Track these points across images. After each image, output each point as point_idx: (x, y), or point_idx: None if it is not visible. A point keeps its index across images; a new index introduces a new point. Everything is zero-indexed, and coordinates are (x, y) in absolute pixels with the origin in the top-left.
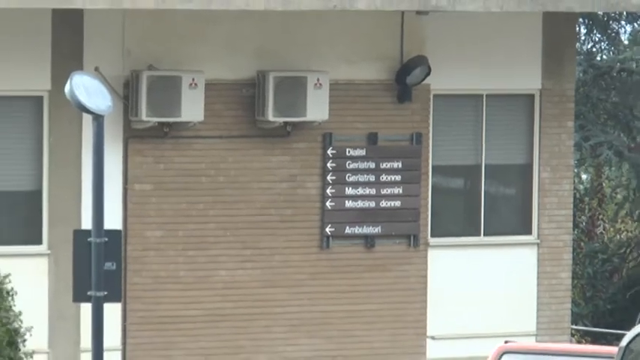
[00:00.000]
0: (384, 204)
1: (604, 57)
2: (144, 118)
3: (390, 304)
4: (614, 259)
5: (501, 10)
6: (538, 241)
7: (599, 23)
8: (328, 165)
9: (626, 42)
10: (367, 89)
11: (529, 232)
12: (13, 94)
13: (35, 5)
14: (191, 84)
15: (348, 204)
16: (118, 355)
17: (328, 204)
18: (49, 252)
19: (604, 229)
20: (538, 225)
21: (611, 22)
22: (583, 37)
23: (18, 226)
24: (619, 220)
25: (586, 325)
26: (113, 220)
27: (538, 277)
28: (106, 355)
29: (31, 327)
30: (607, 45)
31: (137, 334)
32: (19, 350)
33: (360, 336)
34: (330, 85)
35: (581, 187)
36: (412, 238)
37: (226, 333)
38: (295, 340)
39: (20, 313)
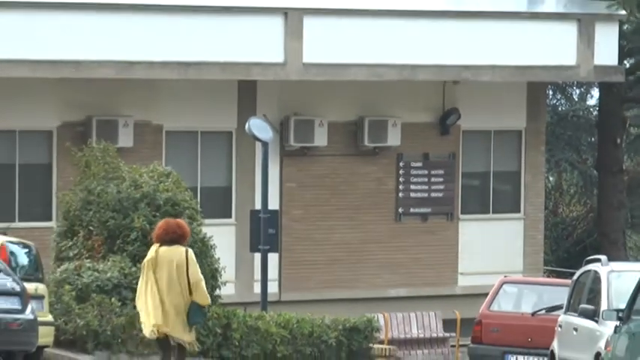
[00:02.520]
0: (433, 195)
1: (563, 108)
2: (292, 144)
3: (436, 254)
4: (569, 227)
5: (502, 80)
6: (524, 217)
7: (560, 87)
8: (400, 172)
9: (576, 99)
10: (422, 127)
11: (518, 211)
12: (215, 130)
13: (229, 77)
14: (320, 124)
15: (412, 195)
16: (276, 283)
17: (400, 194)
18: (235, 223)
19: (563, 210)
20: (524, 207)
21: (567, 87)
22: (550, 96)
23: (218, 207)
24: (572, 205)
25: (552, 267)
26: (273, 204)
27: (523, 238)
28: (269, 283)
29: (225, 267)
30: (565, 101)
31: (287, 271)
32: (218, 281)
33: (418, 272)
34: (401, 125)
35: (549, 185)
36: (449, 215)
37: (339, 270)
38: (380, 275)
39: (219, 258)
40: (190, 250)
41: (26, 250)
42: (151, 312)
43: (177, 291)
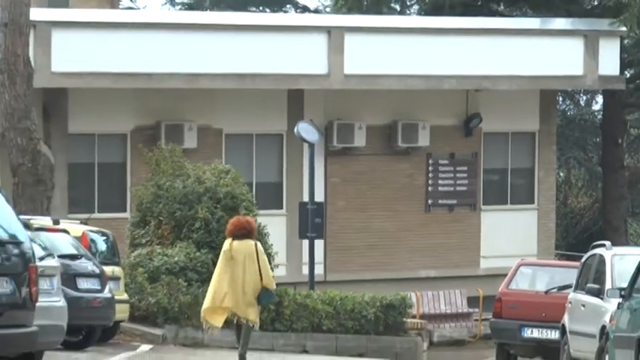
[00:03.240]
0: (458, 188)
1: (571, 112)
2: (335, 144)
3: (462, 239)
4: (577, 217)
5: (518, 89)
6: (537, 207)
7: (568, 94)
8: (429, 169)
9: (582, 105)
10: (449, 129)
11: (533, 202)
12: (268, 133)
13: (279, 87)
14: (359, 127)
15: (440, 188)
16: (322, 266)
17: (429, 188)
18: (286, 213)
19: (571, 201)
20: (537, 199)
21: (575, 94)
22: (560, 102)
23: (271, 199)
24: (579, 197)
25: (562, 251)
26: (319, 197)
27: (537, 226)
28: (315, 266)
29: (277, 252)
30: (573, 106)
31: (332, 255)
32: (271, 264)
33: (445, 256)
34: (430, 127)
35: (560, 179)
36: (472, 206)
37: (377, 254)
38: (412, 258)
39: (272, 244)
40: (259, 243)
41: (104, 237)
42: (220, 294)
43: (249, 278)
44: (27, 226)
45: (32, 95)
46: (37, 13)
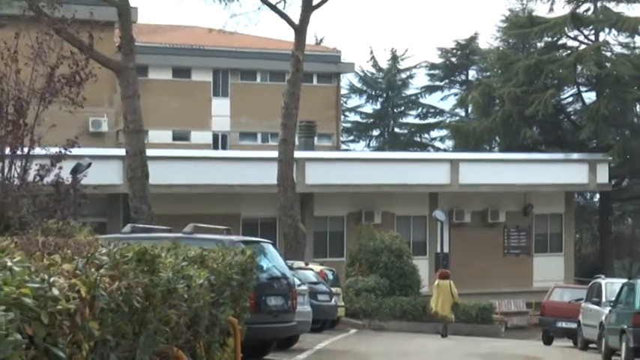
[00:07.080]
0: (520, 244)
1: (582, 202)
2: (454, 221)
3: (522, 271)
4: (586, 259)
5: (552, 191)
6: (564, 254)
7: (580, 193)
8: (504, 234)
9: (588, 198)
10: (515, 213)
11: (561, 251)
12: (418, 215)
13: (422, 191)
14: (467, 212)
15: (511, 244)
16: None
17: (504, 244)
18: (428, 258)
19: (583, 250)
20: (564, 250)
21: (584, 193)
22: (576, 197)
23: (420, 251)
24: (587, 248)
25: (578, 278)
26: (446, 249)
27: (564, 265)
28: None
29: (423, 279)
30: (583, 199)
31: (453, 281)
32: (420, 284)
33: (513, 280)
34: (505, 212)
35: (576, 239)
36: (528, 253)
37: (477, 280)
38: (496, 281)
39: (420, 275)
40: (452, 281)
41: (332, 272)
42: (436, 305)
43: (448, 297)
44: (290, 267)
45: (295, 197)
46: (297, 154)
